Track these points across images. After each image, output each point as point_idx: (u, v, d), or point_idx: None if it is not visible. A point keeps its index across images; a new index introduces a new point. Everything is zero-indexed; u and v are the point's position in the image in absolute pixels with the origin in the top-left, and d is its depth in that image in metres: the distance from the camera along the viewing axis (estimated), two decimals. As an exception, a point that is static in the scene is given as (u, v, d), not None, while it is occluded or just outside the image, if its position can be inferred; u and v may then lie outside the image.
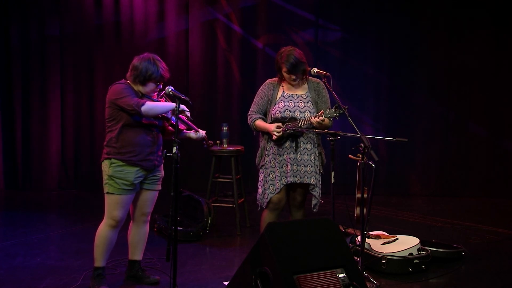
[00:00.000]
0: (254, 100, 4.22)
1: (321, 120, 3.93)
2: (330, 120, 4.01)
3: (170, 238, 3.49)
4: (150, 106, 3.66)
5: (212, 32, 7.41)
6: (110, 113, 3.77)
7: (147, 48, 7.26)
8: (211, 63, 7.44)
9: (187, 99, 3.59)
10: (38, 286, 3.99)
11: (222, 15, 7.39)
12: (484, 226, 5.73)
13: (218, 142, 5.64)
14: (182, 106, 3.72)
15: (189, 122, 3.87)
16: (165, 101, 3.89)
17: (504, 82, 7.18)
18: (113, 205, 3.77)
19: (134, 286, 3.99)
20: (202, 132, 3.96)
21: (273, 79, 4.22)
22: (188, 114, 3.80)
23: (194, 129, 3.92)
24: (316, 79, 4.18)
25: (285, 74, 4.07)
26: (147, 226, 4.04)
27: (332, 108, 3.94)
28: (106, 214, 3.81)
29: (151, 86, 3.78)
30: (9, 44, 7.48)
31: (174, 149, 3.46)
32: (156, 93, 3.86)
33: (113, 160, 3.74)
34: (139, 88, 3.78)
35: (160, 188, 4.00)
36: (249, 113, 4.22)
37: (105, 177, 3.78)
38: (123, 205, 3.78)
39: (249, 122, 4.20)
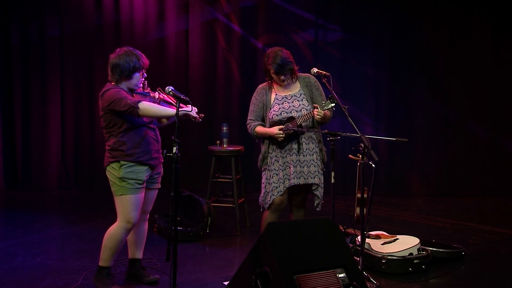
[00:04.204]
0: (250, 108, 4.20)
1: (319, 112, 3.92)
2: (329, 111, 4.01)
3: (170, 238, 3.50)
4: (148, 105, 3.64)
5: (212, 32, 7.40)
6: (107, 119, 3.72)
7: (147, 48, 7.32)
8: (211, 63, 7.43)
9: (187, 99, 3.58)
10: (38, 286, 3.99)
11: (222, 15, 7.39)
12: (484, 226, 5.73)
13: (218, 142, 5.65)
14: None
15: (179, 94, 3.64)
16: (158, 96, 3.85)
17: (504, 82, 7.17)
18: (129, 207, 3.72)
19: (134, 286, 3.99)
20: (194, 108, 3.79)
21: (264, 83, 4.21)
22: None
23: (186, 101, 3.67)
24: (306, 74, 4.17)
25: (273, 76, 4.05)
26: (146, 225, 4.04)
27: (327, 100, 3.97)
28: (121, 217, 3.75)
29: (137, 77, 3.75)
30: (9, 44, 7.47)
31: (174, 149, 3.46)
32: (141, 84, 3.80)
33: (122, 162, 3.70)
34: (126, 84, 3.74)
35: (160, 186, 4.00)
36: (247, 122, 4.20)
37: (114, 180, 3.73)
38: (138, 205, 3.76)
39: (249, 131, 4.18)
